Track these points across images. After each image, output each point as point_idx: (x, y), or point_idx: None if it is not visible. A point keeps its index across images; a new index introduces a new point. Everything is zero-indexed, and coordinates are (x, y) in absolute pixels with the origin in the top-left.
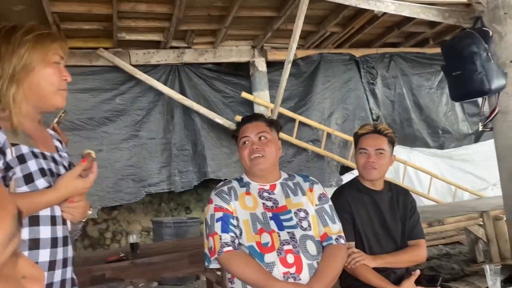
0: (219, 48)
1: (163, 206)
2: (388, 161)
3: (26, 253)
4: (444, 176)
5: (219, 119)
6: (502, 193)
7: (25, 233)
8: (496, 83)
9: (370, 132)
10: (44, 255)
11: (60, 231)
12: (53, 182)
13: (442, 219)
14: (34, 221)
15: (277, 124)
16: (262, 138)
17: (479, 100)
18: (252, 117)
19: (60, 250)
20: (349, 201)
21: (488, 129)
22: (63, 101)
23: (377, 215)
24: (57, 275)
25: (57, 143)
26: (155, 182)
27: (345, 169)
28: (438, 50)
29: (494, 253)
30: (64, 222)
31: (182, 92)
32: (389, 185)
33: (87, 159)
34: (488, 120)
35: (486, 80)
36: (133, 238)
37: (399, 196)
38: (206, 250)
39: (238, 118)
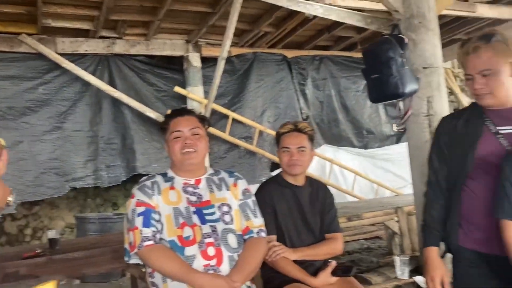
0: (152, 41)
1: (88, 202)
2: (309, 157)
3: None
4: (367, 175)
5: (151, 113)
6: (413, 190)
7: None
8: (409, 87)
9: (291, 130)
10: None
11: None
12: None
13: (361, 214)
14: None
15: (207, 120)
16: (195, 133)
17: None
18: (183, 111)
19: None
20: (272, 195)
21: (402, 130)
22: None
23: (297, 209)
24: None
25: None
26: (80, 176)
27: (275, 166)
28: None
29: (407, 246)
30: None
31: (112, 83)
32: (309, 180)
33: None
34: (402, 121)
35: (400, 84)
36: (51, 233)
37: (318, 191)
38: (126, 245)
39: None
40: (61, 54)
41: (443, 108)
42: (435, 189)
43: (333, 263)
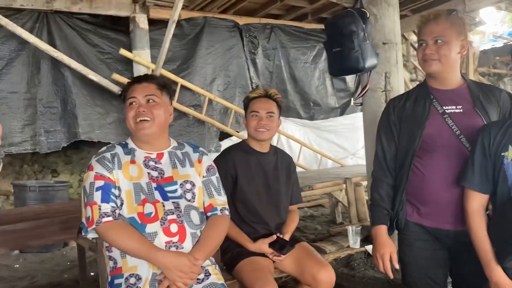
0: None
1: (25, 168)
2: (277, 124)
3: None
4: (312, 145)
5: (94, 76)
6: (366, 162)
7: None
8: (370, 62)
9: (261, 96)
10: None
11: None
12: None
13: (312, 184)
14: None
15: (169, 88)
16: (150, 101)
17: (347, 77)
18: (142, 77)
19: None
20: (234, 162)
21: (359, 104)
22: None
23: (260, 174)
24: None
25: None
26: (16, 141)
27: (223, 136)
28: (315, 26)
29: (353, 215)
30: None
31: (51, 43)
32: (274, 148)
33: None
34: (359, 95)
35: (361, 59)
36: None
37: (283, 160)
38: (84, 220)
39: (116, 76)
40: None
41: (400, 84)
42: (383, 168)
43: (273, 237)
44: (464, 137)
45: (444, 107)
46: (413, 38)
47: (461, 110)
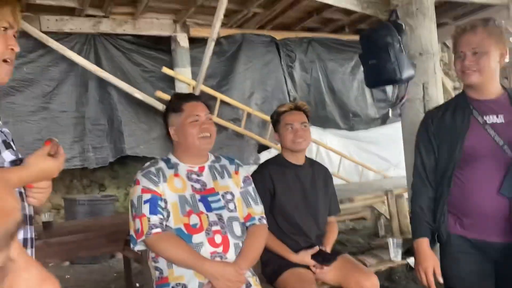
0: (139, 20)
1: (75, 183)
2: (309, 133)
3: None
4: (352, 157)
5: (138, 94)
6: (406, 174)
7: None
8: (407, 73)
9: (291, 109)
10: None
11: (27, 209)
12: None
13: (352, 197)
14: None
15: (211, 107)
16: (210, 118)
17: (387, 87)
18: (194, 96)
19: (28, 229)
20: (271, 176)
21: (398, 115)
22: (5, 75)
23: (298, 187)
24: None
25: None
26: (66, 158)
27: (262, 148)
28: (353, 37)
29: (395, 227)
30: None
31: (98, 63)
32: (309, 160)
33: (51, 143)
34: (397, 106)
35: (398, 70)
36: (46, 216)
37: (319, 171)
38: (132, 232)
39: (159, 93)
40: (46, 33)
41: (438, 94)
42: (423, 180)
43: (316, 248)
44: (508, 147)
45: (484, 118)
46: None
47: (503, 120)
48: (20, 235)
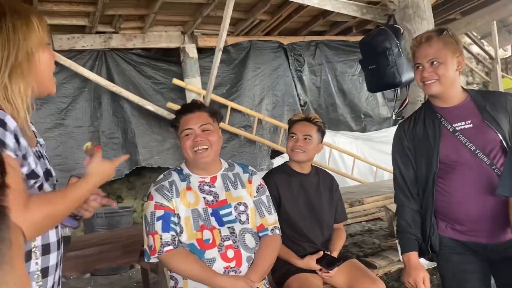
0: (148, 34)
1: None
2: (315, 147)
3: (39, 260)
4: (366, 158)
5: (150, 106)
6: None
7: (38, 239)
8: (406, 76)
9: (301, 119)
10: (53, 258)
11: (60, 232)
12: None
13: (362, 199)
14: None
15: (219, 114)
16: (206, 129)
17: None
18: (193, 106)
19: (61, 251)
20: (277, 184)
21: (400, 118)
22: (54, 86)
23: (302, 195)
24: (57, 274)
25: (32, 127)
26: (83, 172)
27: (275, 153)
28: (360, 38)
29: None
30: None
31: (110, 78)
32: (315, 169)
33: (94, 147)
34: (400, 109)
35: (397, 74)
36: (64, 231)
37: (325, 180)
38: (146, 247)
39: (170, 104)
40: (59, 51)
41: None
42: (405, 194)
43: (320, 253)
44: (480, 151)
45: (453, 125)
46: (466, 40)
47: (471, 125)
48: (54, 260)
